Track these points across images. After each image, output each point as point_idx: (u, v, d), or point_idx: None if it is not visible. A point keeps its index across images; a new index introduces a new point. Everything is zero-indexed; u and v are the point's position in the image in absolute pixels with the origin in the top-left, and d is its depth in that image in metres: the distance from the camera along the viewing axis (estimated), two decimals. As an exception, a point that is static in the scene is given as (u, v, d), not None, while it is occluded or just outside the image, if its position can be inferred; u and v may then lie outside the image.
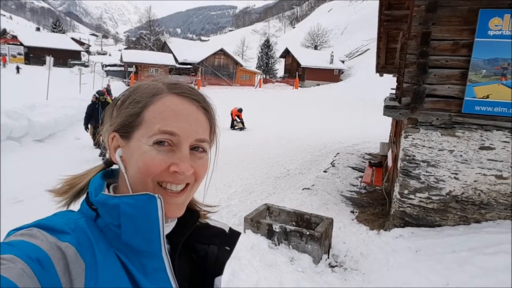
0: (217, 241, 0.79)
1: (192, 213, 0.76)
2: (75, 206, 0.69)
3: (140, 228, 0.61)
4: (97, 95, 9.64)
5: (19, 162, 7.94)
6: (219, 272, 0.78)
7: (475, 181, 4.85)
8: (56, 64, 33.55)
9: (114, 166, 0.73)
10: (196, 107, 0.69)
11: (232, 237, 0.81)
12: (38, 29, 70.20)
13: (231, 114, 16.34)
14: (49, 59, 14.45)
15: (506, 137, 4.67)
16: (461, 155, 4.87)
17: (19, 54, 45.80)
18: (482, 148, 4.78)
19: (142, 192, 0.62)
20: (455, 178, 4.92)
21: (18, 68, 32.32)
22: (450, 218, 5.01)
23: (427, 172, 5.03)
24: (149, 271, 0.63)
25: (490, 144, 4.74)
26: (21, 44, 46.48)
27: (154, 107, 0.66)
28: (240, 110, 16.29)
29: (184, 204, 0.69)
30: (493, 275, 3.57)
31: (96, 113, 9.43)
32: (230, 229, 0.82)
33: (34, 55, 45.66)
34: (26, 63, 42.74)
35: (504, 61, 4.50)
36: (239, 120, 16.38)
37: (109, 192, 0.68)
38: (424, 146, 5.01)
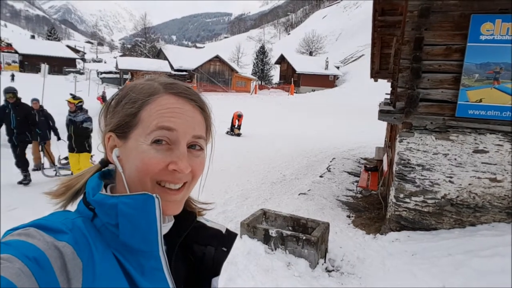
0: (214, 242, 0.79)
1: (189, 213, 0.77)
2: (72, 208, 0.69)
3: (138, 227, 0.62)
4: (4, 94, 7.03)
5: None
6: (217, 272, 0.79)
7: (469, 184, 4.88)
8: (51, 71, 33.35)
9: (111, 166, 0.74)
10: (193, 106, 0.69)
11: (229, 238, 0.82)
12: (33, 37, 69.92)
13: (232, 118, 16.30)
14: (44, 67, 14.36)
15: (500, 140, 4.71)
16: (455, 159, 4.90)
17: (14, 62, 45.62)
18: (476, 151, 4.82)
19: (140, 192, 0.62)
20: (450, 181, 4.95)
21: (13, 76, 32.18)
22: (445, 222, 5.03)
23: (422, 175, 5.06)
24: (147, 270, 0.63)
25: (484, 147, 4.78)
26: (16, 52, 46.34)
27: (151, 106, 0.66)
28: (239, 116, 16.26)
29: (182, 201, 0.69)
30: (488, 278, 3.58)
31: (7, 120, 7.09)
32: (227, 230, 0.83)
33: (29, 63, 45.52)
34: (21, 71, 42.55)
35: (496, 65, 4.56)
36: (236, 126, 16.35)
37: (106, 192, 0.68)
38: (418, 150, 5.04)
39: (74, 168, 7.06)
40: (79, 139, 6.86)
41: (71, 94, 7.36)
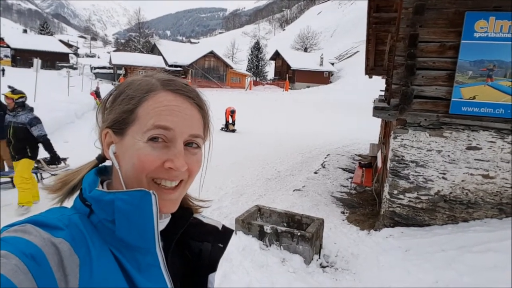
0: (210, 238, 0.79)
1: (185, 210, 0.77)
2: (69, 204, 0.69)
3: (134, 224, 0.61)
4: None
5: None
6: (213, 269, 0.79)
7: (462, 180, 4.93)
8: (44, 66, 33.07)
9: (107, 162, 0.73)
10: (190, 104, 0.69)
11: (225, 234, 0.82)
12: (25, 31, 68.93)
13: (225, 114, 16.29)
14: (37, 62, 14.23)
15: (492, 137, 4.75)
16: (448, 155, 4.94)
17: (6, 56, 45.03)
18: (469, 148, 4.86)
19: (137, 188, 0.62)
20: (443, 178, 4.99)
21: (3, 71, 31.73)
22: (438, 218, 5.07)
23: (416, 172, 5.09)
24: (143, 267, 0.63)
25: (477, 144, 4.82)
26: (8, 46, 45.75)
27: (148, 103, 0.65)
28: (232, 112, 16.23)
29: (178, 199, 0.69)
30: (481, 273, 3.62)
31: None
32: (223, 226, 0.83)
33: (21, 58, 44.95)
34: (13, 66, 42.05)
35: (489, 63, 4.59)
36: (231, 122, 16.33)
37: (102, 188, 0.68)
38: (412, 146, 5.07)
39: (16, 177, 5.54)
40: (19, 144, 5.39)
41: (9, 87, 5.76)
